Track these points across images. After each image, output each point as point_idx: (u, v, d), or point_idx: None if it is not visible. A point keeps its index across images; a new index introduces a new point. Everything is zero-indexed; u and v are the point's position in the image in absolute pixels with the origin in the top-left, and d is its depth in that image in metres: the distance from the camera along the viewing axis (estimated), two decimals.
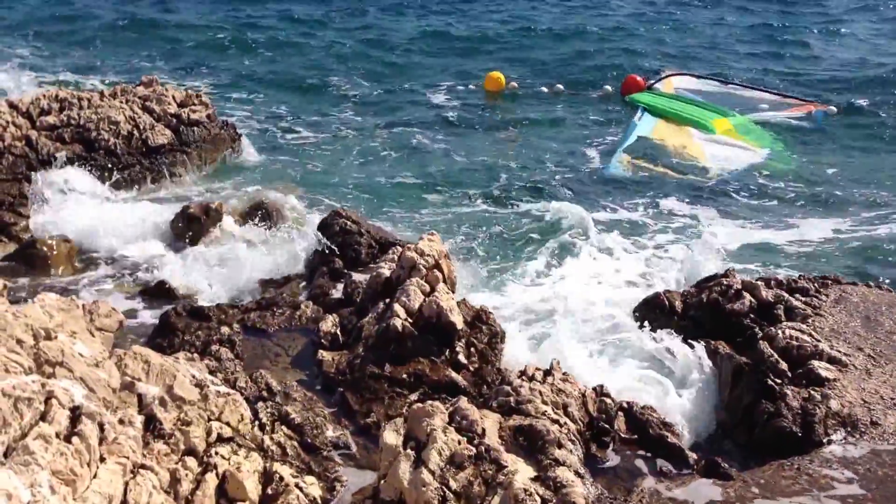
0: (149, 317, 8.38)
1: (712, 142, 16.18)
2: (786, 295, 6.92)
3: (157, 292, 8.85)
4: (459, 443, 5.15)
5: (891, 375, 6.10)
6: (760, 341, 6.30)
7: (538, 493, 4.83)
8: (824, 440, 5.60)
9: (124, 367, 5.21)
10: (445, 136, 15.86)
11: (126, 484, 4.36)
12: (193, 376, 5.66)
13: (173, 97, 12.88)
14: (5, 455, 3.80)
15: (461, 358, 6.85)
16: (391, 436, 5.25)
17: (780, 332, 6.33)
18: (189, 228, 10.04)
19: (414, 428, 5.26)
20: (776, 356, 6.12)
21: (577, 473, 5.09)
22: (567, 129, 16.63)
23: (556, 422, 5.53)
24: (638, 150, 15.19)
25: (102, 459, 4.31)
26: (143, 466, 4.60)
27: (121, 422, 4.68)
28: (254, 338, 7.54)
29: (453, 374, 6.69)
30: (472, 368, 6.82)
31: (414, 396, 6.50)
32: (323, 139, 15.27)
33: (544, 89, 19.34)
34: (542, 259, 10.10)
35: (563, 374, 6.16)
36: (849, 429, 5.63)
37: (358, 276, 8.39)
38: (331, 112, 17.01)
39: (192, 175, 12.34)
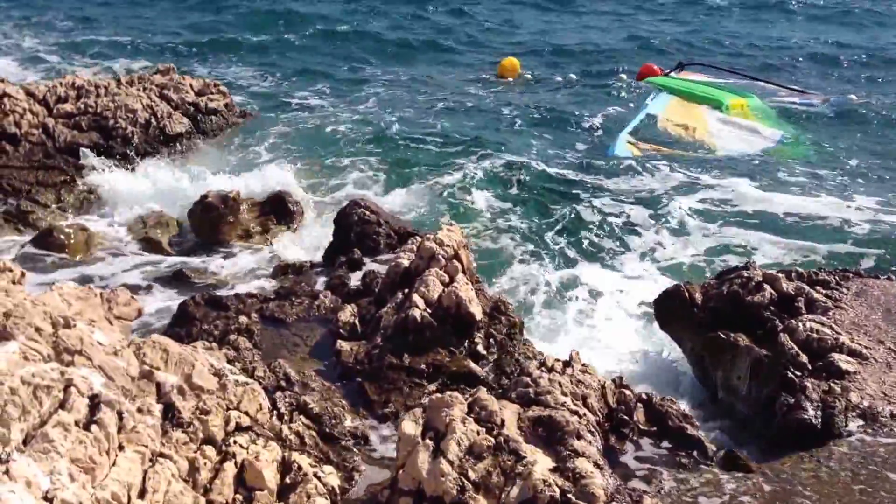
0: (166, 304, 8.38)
1: (723, 122, 16.01)
2: (806, 287, 6.84)
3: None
4: (478, 433, 5.13)
5: None
6: (781, 334, 6.23)
7: (557, 484, 4.81)
8: (844, 433, 5.55)
9: (143, 356, 5.21)
10: (462, 124, 15.78)
11: (145, 472, 4.37)
12: (212, 365, 5.66)
13: (191, 85, 12.90)
14: (24, 443, 3.81)
15: (480, 349, 6.84)
16: (409, 426, 5.23)
17: (800, 324, 6.26)
18: (207, 219, 10.04)
19: (433, 418, 5.24)
20: (796, 349, 6.05)
21: (596, 465, 5.06)
22: (580, 116, 16.50)
23: (575, 413, 5.49)
24: (643, 131, 15.07)
25: (121, 448, 4.32)
26: (161, 455, 4.61)
27: (139, 410, 4.68)
28: (272, 327, 7.54)
29: (472, 365, 6.68)
30: (490, 359, 6.82)
31: (432, 387, 6.50)
32: (342, 127, 15.20)
33: (558, 78, 19.25)
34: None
35: (583, 365, 6.12)
36: (869, 421, 5.58)
37: (376, 266, 8.37)
38: (349, 99, 16.95)
39: (210, 164, 12.33)
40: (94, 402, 4.26)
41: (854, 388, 5.74)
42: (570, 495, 4.76)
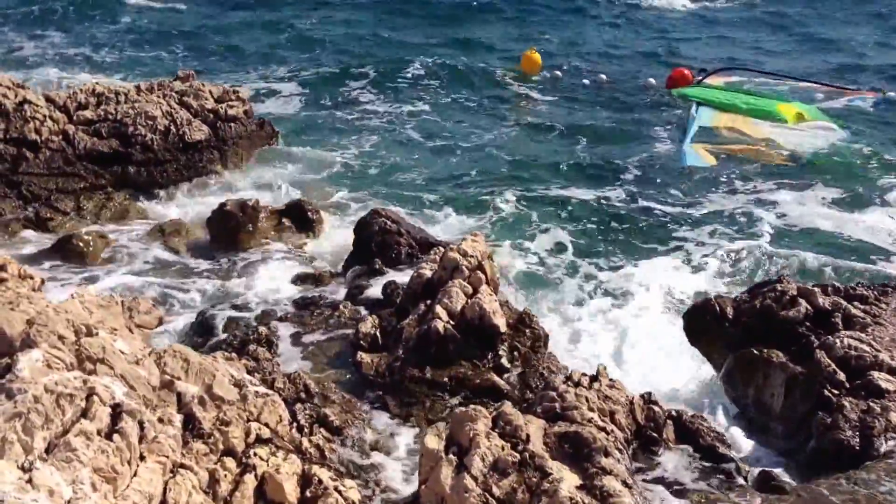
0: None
1: (786, 129, 15.44)
2: (843, 302, 6.68)
3: None
4: (503, 448, 5.02)
5: None
6: (817, 350, 6.08)
7: (584, 502, 4.69)
8: (884, 454, 5.39)
9: (164, 366, 5.15)
10: (493, 130, 15.55)
11: (166, 483, 4.30)
12: (232, 376, 5.58)
13: (210, 92, 12.84)
14: (47, 451, 3.74)
15: (504, 362, 6.73)
16: (433, 440, 5.13)
17: (837, 340, 6.12)
18: (226, 227, 9.96)
19: (456, 433, 5.14)
20: (833, 366, 5.91)
21: (624, 483, 4.94)
22: (623, 121, 16.24)
23: (602, 429, 5.37)
24: (708, 138, 14.68)
25: (142, 458, 4.25)
26: (182, 466, 4.54)
27: (160, 420, 4.61)
28: (292, 338, 7.47)
29: (496, 379, 6.57)
30: (515, 373, 6.70)
31: (455, 401, 6.39)
32: (361, 134, 15.06)
33: (585, 81, 19.03)
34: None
35: (610, 380, 5.99)
36: None
37: (398, 277, 8.28)
38: (370, 105, 16.79)
39: (230, 172, 12.27)
40: (116, 412, 4.20)
41: (894, 407, 5.58)
42: None
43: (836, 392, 5.74)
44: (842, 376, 5.85)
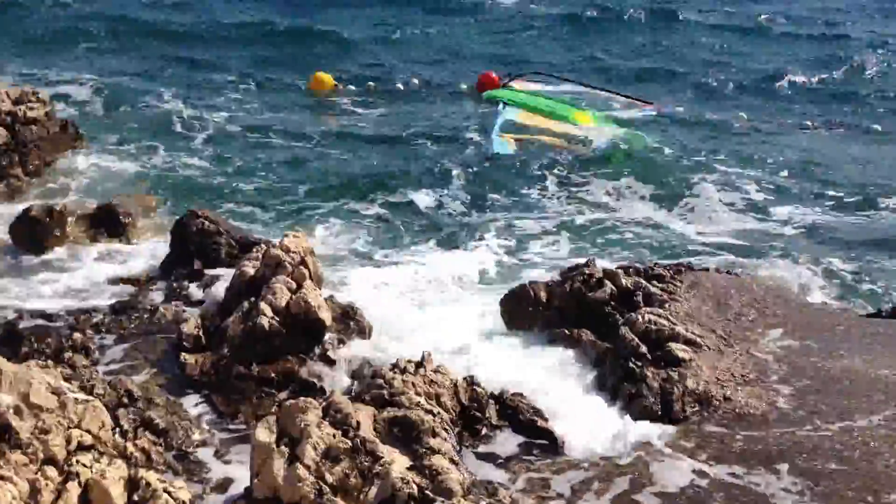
0: None
1: (572, 126, 16.58)
2: (644, 282, 7.27)
3: None
4: (334, 437, 5.14)
5: (740, 354, 6.53)
6: (622, 326, 6.59)
7: (415, 482, 4.89)
8: (682, 417, 5.93)
9: None
10: (304, 140, 15.48)
11: None
12: (49, 384, 5.38)
13: (7, 94, 12.10)
14: None
15: (331, 354, 6.84)
16: (263, 433, 5.18)
17: (639, 317, 6.64)
18: (31, 233, 9.46)
19: (287, 425, 5.21)
20: (637, 340, 6.42)
21: (451, 461, 5.18)
22: (434, 123, 16.60)
23: (429, 412, 5.61)
24: (513, 128, 15.38)
25: None
26: (0, 478, 4.36)
27: None
28: (110, 343, 7.26)
29: (324, 370, 6.67)
30: (342, 364, 6.82)
31: (284, 395, 6.44)
32: (172, 138, 14.59)
33: (399, 86, 19.27)
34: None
35: (435, 365, 6.23)
36: (704, 405, 5.98)
37: (218, 277, 8.18)
38: (180, 109, 16.26)
39: (31, 176, 11.62)
40: None
41: (690, 374, 6.15)
42: (427, 491, 4.86)
43: (639, 364, 6.25)
44: (644, 349, 6.37)
